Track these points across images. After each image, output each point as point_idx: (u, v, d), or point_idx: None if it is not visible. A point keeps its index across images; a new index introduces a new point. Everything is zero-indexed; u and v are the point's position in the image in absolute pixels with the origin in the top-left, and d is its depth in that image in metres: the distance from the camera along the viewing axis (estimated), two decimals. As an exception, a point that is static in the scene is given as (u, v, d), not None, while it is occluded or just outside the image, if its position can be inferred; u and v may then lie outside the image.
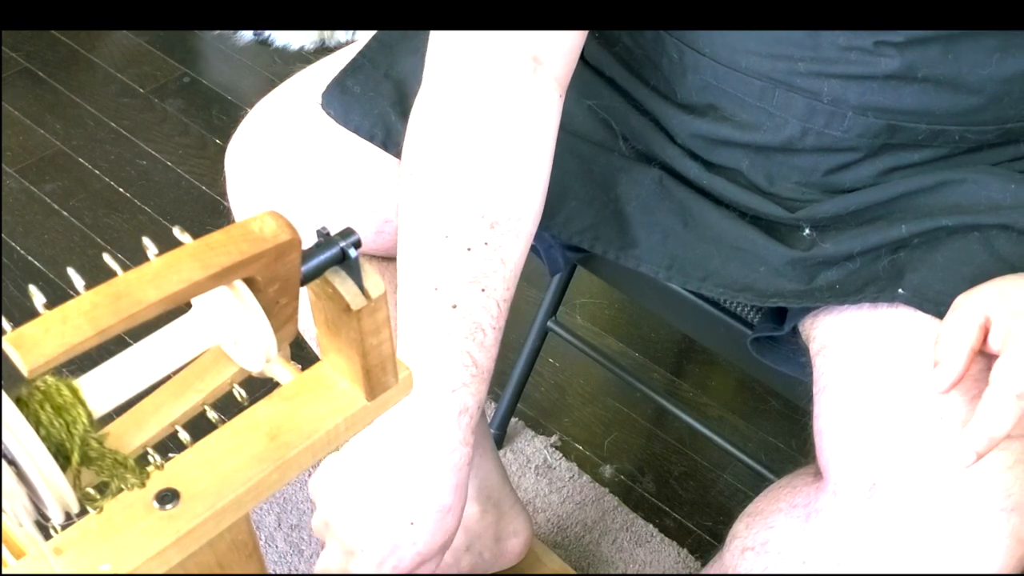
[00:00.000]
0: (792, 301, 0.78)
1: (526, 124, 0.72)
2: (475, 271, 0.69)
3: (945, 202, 0.77)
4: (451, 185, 0.70)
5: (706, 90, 0.80)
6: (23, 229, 1.58)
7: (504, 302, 0.70)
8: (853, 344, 0.74)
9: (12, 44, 1.88)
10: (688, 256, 0.80)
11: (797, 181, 0.81)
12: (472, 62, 0.72)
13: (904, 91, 0.74)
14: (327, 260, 0.45)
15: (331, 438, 0.50)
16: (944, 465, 0.64)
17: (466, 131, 0.71)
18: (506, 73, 0.72)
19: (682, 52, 0.79)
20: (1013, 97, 0.75)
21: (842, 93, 0.75)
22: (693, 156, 0.83)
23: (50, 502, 0.40)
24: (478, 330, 0.69)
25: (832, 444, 0.70)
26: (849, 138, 0.77)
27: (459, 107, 0.72)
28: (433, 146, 0.72)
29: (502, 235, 0.70)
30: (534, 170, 0.72)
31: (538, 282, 1.49)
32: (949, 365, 0.65)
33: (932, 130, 0.77)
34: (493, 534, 1.09)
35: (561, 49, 0.73)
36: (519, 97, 0.72)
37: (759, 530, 0.76)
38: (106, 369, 0.43)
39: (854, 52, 0.74)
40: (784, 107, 0.77)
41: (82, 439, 0.40)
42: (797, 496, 0.74)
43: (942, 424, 0.66)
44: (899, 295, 0.72)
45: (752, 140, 0.80)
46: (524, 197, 0.71)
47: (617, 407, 1.40)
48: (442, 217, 0.69)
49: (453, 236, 0.69)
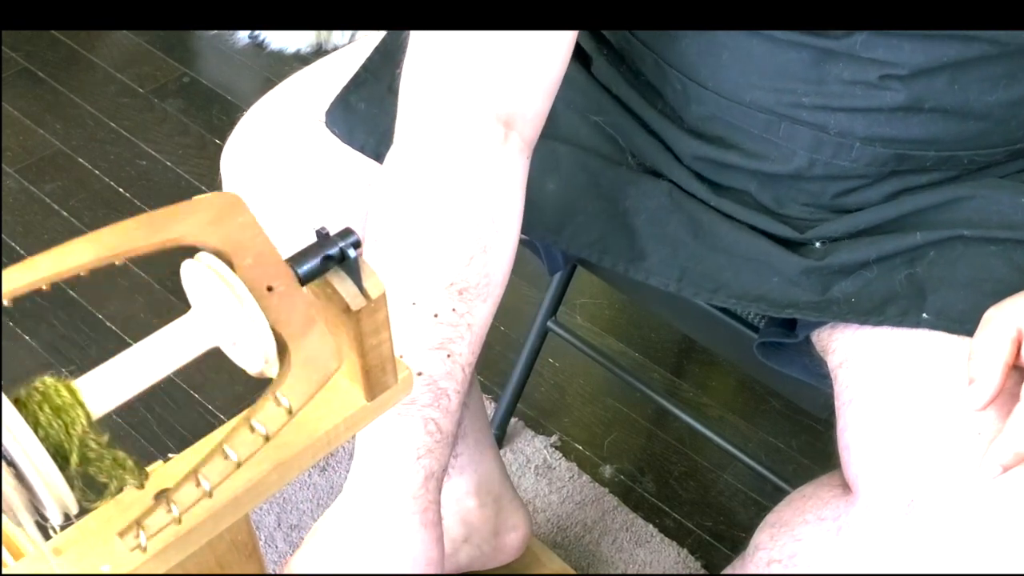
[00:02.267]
0: (808, 313, 0.77)
1: (495, 190, 0.71)
2: (441, 337, 0.68)
3: (956, 217, 0.77)
4: (419, 253, 0.69)
5: (711, 120, 0.80)
6: (23, 229, 1.58)
7: (468, 366, 0.70)
8: (879, 358, 0.73)
9: (12, 44, 1.88)
10: (698, 268, 0.80)
11: (806, 203, 0.81)
12: (442, 126, 0.71)
13: (911, 121, 0.74)
14: (326, 260, 0.45)
15: (331, 438, 0.50)
16: (984, 481, 0.64)
17: (434, 197, 0.70)
18: (476, 139, 0.70)
19: (685, 84, 0.79)
20: (1021, 119, 0.75)
21: (849, 126, 0.75)
22: (700, 178, 0.82)
23: (49, 503, 0.40)
24: (443, 396, 0.68)
25: (862, 459, 0.70)
26: (857, 167, 0.77)
27: (427, 173, 0.70)
28: (400, 212, 0.71)
29: (470, 301, 0.69)
30: (503, 235, 0.71)
31: (538, 282, 1.49)
32: (985, 381, 0.64)
33: (940, 156, 0.76)
34: (492, 528, 1.09)
35: (532, 112, 0.72)
36: (489, 164, 0.71)
37: (786, 542, 0.75)
38: (105, 370, 0.43)
39: (859, 86, 0.73)
40: (790, 139, 0.77)
41: (81, 440, 0.40)
42: (825, 509, 0.73)
43: (980, 439, 0.65)
44: (924, 320, 0.72)
45: (760, 168, 0.80)
46: (492, 263, 0.71)
47: (617, 407, 1.40)
48: (409, 284, 0.69)
49: (420, 303, 0.68)
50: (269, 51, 1.90)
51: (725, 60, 0.77)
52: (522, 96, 0.72)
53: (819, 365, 0.81)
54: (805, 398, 0.93)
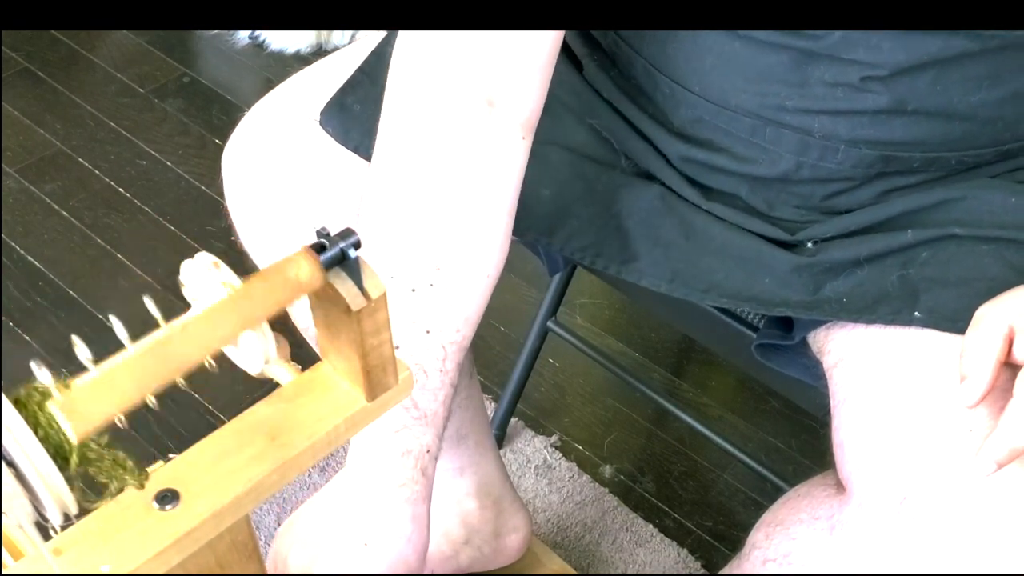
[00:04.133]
0: (799, 311, 0.77)
1: (477, 167, 0.71)
2: (419, 312, 0.68)
3: (948, 218, 0.77)
4: (396, 227, 0.70)
5: (699, 124, 0.80)
6: (23, 229, 1.58)
7: (452, 344, 0.69)
8: (872, 358, 0.73)
9: (12, 44, 1.88)
10: (690, 270, 0.80)
11: (796, 206, 0.81)
12: (425, 106, 0.71)
13: (895, 124, 0.74)
14: (327, 261, 0.45)
15: (331, 439, 0.50)
16: (976, 477, 0.64)
17: (412, 173, 0.71)
18: (458, 117, 0.71)
19: (673, 88, 0.80)
20: (1007, 120, 0.75)
21: (833, 128, 0.75)
22: (691, 183, 0.83)
23: (48, 503, 0.40)
24: (420, 372, 0.68)
25: (856, 457, 0.70)
26: (844, 169, 0.77)
27: (407, 149, 0.71)
28: (383, 189, 0.71)
29: (449, 277, 0.69)
30: (487, 210, 0.71)
31: (538, 282, 1.49)
32: (976, 378, 0.64)
33: (927, 157, 0.76)
34: (492, 529, 1.09)
35: (518, 91, 0.72)
36: (470, 141, 0.71)
37: (780, 541, 0.75)
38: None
39: (840, 88, 0.73)
40: (776, 143, 0.77)
41: (80, 440, 0.40)
42: (819, 508, 0.73)
43: (972, 436, 0.65)
44: (916, 319, 0.72)
45: (748, 171, 0.80)
46: (475, 239, 0.70)
47: (617, 407, 1.40)
48: (389, 258, 0.69)
49: (398, 277, 0.68)
50: (269, 51, 1.90)
51: (709, 64, 0.77)
52: (507, 76, 0.72)
53: (816, 366, 0.81)
54: (804, 398, 0.93)
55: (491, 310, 0.72)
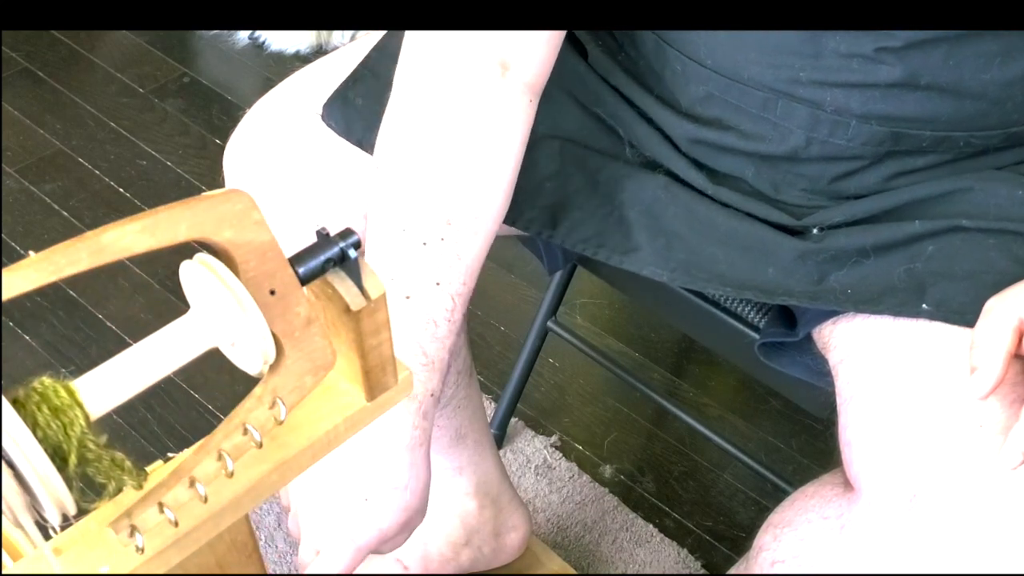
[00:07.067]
0: (803, 300, 0.77)
1: (489, 125, 0.73)
2: (430, 265, 0.71)
3: (954, 209, 0.77)
4: (410, 182, 0.72)
5: (709, 101, 0.80)
6: (23, 229, 1.58)
7: (459, 296, 0.72)
8: (879, 353, 0.73)
9: (12, 44, 1.88)
10: (693, 259, 0.80)
11: (803, 188, 0.81)
12: (439, 65, 0.74)
13: (907, 99, 0.74)
14: (327, 261, 0.45)
15: (331, 438, 0.50)
16: (989, 472, 0.63)
17: (427, 131, 0.73)
18: (471, 76, 0.73)
19: (684, 64, 0.79)
20: (1016, 101, 0.75)
21: (845, 102, 0.75)
22: (698, 166, 0.82)
23: (47, 504, 0.40)
24: (430, 322, 0.71)
25: (864, 455, 0.69)
26: (854, 146, 0.77)
27: (423, 108, 0.74)
28: (397, 144, 0.74)
29: (458, 231, 0.72)
30: (496, 169, 0.74)
31: (538, 282, 1.49)
32: (987, 370, 0.64)
33: (936, 136, 0.76)
34: (492, 529, 1.09)
35: (530, 55, 0.75)
36: (483, 99, 0.73)
37: (789, 542, 0.75)
38: (103, 371, 0.43)
39: (855, 60, 0.73)
40: (787, 117, 0.77)
41: (79, 441, 0.40)
42: (828, 507, 0.73)
43: (983, 431, 0.65)
44: (923, 311, 0.72)
45: (756, 149, 0.80)
46: (483, 196, 0.73)
47: (617, 407, 1.40)
48: (400, 212, 0.72)
49: (410, 230, 0.71)
50: (269, 51, 1.90)
51: (723, 36, 0.77)
52: (520, 39, 0.74)
53: (820, 364, 0.81)
54: (805, 398, 0.93)
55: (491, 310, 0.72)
